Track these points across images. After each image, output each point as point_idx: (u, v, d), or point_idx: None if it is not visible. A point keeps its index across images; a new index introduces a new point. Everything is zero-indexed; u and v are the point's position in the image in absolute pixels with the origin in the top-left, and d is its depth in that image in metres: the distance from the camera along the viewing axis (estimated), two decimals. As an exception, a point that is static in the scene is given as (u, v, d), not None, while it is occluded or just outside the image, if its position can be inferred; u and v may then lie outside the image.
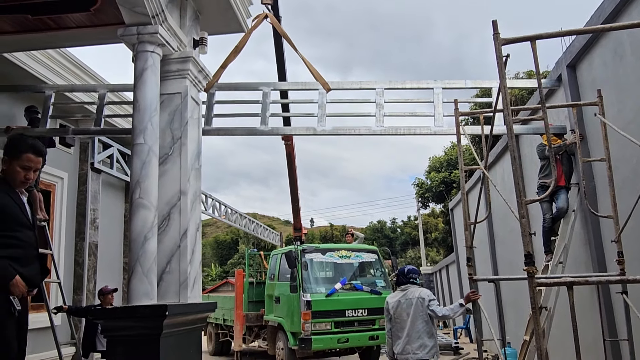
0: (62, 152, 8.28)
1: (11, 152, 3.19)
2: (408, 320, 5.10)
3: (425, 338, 5.06)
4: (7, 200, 3.11)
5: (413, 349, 5.03)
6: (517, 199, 3.32)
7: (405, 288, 5.29)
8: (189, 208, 5.15)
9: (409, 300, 5.16)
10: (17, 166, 3.16)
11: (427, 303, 5.13)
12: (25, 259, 3.18)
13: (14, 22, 5.55)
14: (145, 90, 4.77)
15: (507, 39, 3.55)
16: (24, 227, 3.17)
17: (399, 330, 5.17)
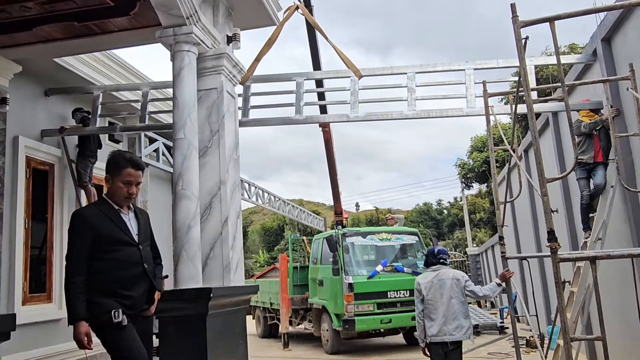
0: (112, 148, 8.76)
1: (112, 169, 3.17)
2: (442, 300, 5.07)
3: (461, 319, 5.05)
4: (100, 219, 3.04)
5: (450, 330, 5.00)
6: (539, 178, 3.41)
7: (437, 269, 5.27)
8: (228, 197, 5.46)
9: (442, 281, 5.14)
10: (119, 182, 3.13)
11: (464, 284, 5.12)
12: (129, 279, 3.09)
13: (62, 29, 5.97)
14: (183, 88, 5.07)
15: (526, 21, 3.61)
16: (125, 244, 3.10)
17: (432, 311, 5.11)
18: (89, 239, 2.98)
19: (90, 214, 3.06)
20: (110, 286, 3.02)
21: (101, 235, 3.01)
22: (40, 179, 7.25)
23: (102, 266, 3.00)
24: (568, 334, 3.21)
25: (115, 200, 3.18)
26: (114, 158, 3.22)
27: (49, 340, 6.94)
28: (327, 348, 11.14)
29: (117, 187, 3.14)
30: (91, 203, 3.18)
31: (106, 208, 3.13)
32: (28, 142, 6.91)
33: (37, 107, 7.23)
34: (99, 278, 2.99)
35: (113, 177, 3.16)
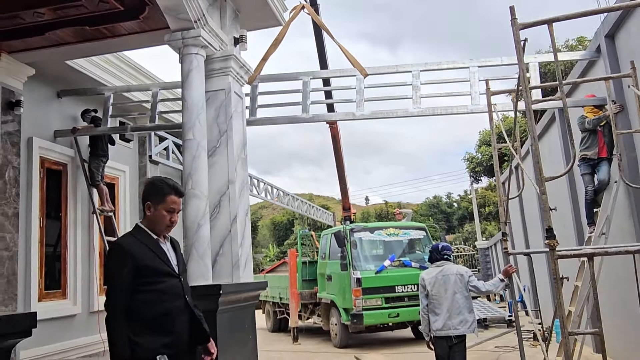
0: (123, 147, 8.94)
1: (154, 196, 2.94)
2: (447, 296, 5.17)
3: (465, 313, 5.15)
4: (141, 249, 2.83)
5: (454, 324, 5.10)
6: (537, 176, 3.51)
7: (441, 264, 5.37)
8: (237, 195, 5.60)
9: (446, 277, 5.24)
10: (162, 210, 2.91)
11: (468, 279, 5.22)
12: (173, 312, 2.88)
13: (74, 33, 6.12)
14: (192, 90, 5.21)
15: (525, 24, 3.70)
16: (167, 276, 2.89)
17: (436, 306, 5.21)
18: (131, 270, 2.76)
19: (130, 243, 2.83)
20: (154, 320, 2.81)
21: (143, 266, 2.79)
22: (54, 178, 7.43)
23: (144, 299, 2.79)
24: (566, 328, 3.32)
25: (156, 229, 2.95)
26: (155, 184, 2.99)
27: (64, 335, 7.15)
28: (335, 342, 11.29)
29: (160, 215, 2.92)
30: (128, 232, 2.91)
31: (144, 237, 2.90)
32: (42, 143, 7.10)
33: (50, 108, 7.41)
34: (141, 312, 2.78)
35: (155, 205, 2.92)
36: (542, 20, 3.66)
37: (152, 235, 2.93)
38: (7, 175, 6.23)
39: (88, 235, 7.87)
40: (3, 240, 6.08)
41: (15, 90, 6.49)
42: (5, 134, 6.30)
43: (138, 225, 2.96)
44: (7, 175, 6.23)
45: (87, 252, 7.82)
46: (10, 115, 6.39)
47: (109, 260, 2.96)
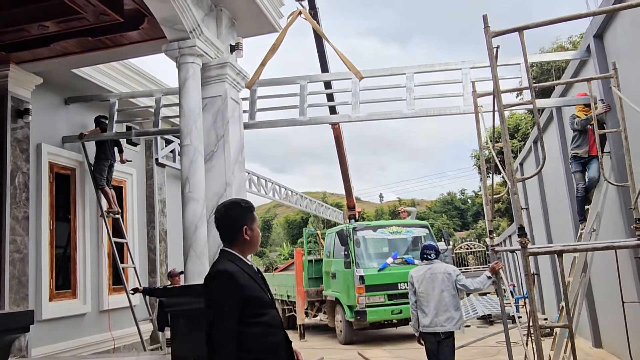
0: (130, 150, 9.23)
1: (247, 216, 2.71)
2: (434, 293, 5.33)
3: (452, 311, 5.29)
4: (245, 278, 2.57)
5: (441, 321, 5.26)
6: (509, 177, 3.68)
7: (430, 263, 5.55)
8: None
9: (434, 275, 5.40)
10: (257, 228, 2.74)
11: (455, 278, 5.38)
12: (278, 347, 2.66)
13: (78, 44, 6.41)
14: (189, 97, 5.44)
15: (497, 32, 3.87)
16: (269, 307, 2.64)
17: (424, 304, 5.38)
18: (239, 301, 2.49)
19: (235, 271, 2.55)
20: (260, 355, 2.59)
21: (250, 297, 2.54)
22: (62, 182, 7.73)
23: (250, 333, 2.55)
24: (537, 322, 3.48)
25: (248, 252, 2.74)
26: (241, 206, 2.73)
27: (74, 333, 7.45)
28: (340, 339, 11.51)
29: (257, 234, 2.73)
30: (223, 259, 2.63)
31: (243, 264, 2.63)
32: (50, 149, 7.39)
33: (57, 115, 7.71)
34: (247, 347, 2.55)
35: (251, 225, 2.69)
36: (514, 28, 3.83)
37: (248, 262, 2.69)
38: (17, 180, 6.54)
39: (97, 236, 8.17)
40: (14, 242, 6.39)
41: (24, 99, 6.80)
42: (15, 140, 6.61)
43: (229, 252, 2.64)
44: (17, 180, 6.54)
45: (96, 253, 8.11)
46: (20, 123, 6.70)
47: (214, 290, 2.53)
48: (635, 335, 6.20)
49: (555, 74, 14.51)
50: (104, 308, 8.04)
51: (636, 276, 5.91)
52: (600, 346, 8.46)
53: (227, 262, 2.60)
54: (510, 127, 19.81)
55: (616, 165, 6.17)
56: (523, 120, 19.09)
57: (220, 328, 2.48)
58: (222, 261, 2.61)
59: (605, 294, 7.74)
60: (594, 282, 8.28)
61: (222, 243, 2.68)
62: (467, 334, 11.43)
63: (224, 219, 2.69)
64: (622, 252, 6.37)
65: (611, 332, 7.82)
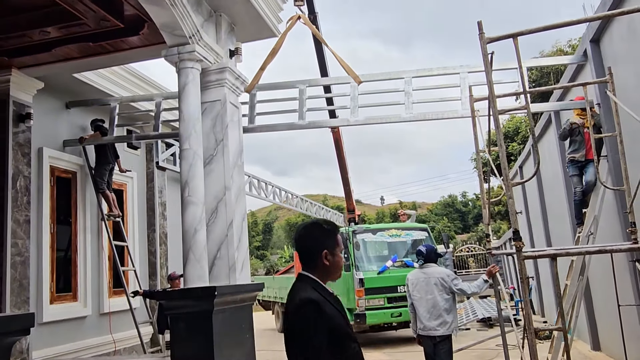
0: (130, 154, 9.30)
1: (330, 239, 2.45)
2: (427, 297, 5.39)
3: (445, 315, 5.34)
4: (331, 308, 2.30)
5: (434, 325, 5.33)
6: (504, 182, 3.72)
7: (426, 266, 5.59)
8: (233, 201, 5.87)
9: (428, 279, 5.45)
10: (339, 254, 2.47)
11: (451, 283, 5.40)
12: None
13: (79, 49, 6.46)
14: (188, 102, 5.49)
15: (492, 38, 3.91)
16: (352, 339, 2.37)
17: (417, 307, 5.46)
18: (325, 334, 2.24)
19: (321, 300, 2.30)
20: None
21: (335, 328, 2.28)
22: (63, 186, 7.79)
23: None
24: (532, 325, 3.52)
25: (329, 278, 2.46)
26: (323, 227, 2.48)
27: (75, 336, 7.49)
28: (340, 341, 11.53)
29: (339, 259, 2.46)
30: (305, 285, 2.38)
31: (325, 292, 2.38)
32: (51, 153, 7.45)
33: (59, 119, 7.77)
34: None
35: (332, 250, 2.43)
36: (508, 35, 3.87)
37: (329, 290, 2.43)
38: (18, 184, 6.59)
39: (97, 240, 8.22)
40: (15, 246, 6.44)
41: (26, 103, 6.86)
42: (16, 144, 6.67)
43: (310, 277, 2.39)
44: (18, 184, 6.59)
45: (96, 256, 8.17)
46: (21, 127, 6.76)
47: (301, 320, 2.28)
48: (632, 338, 6.24)
49: (555, 77, 14.56)
50: (104, 311, 8.09)
51: (633, 279, 5.94)
52: (599, 349, 8.48)
53: (310, 289, 2.34)
54: (510, 130, 19.86)
55: (613, 169, 6.21)
56: (523, 124, 19.12)
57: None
58: (305, 288, 2.35)
59: (603, 297, 7.77)
60: (593, 285, 8.32)
61: (302, 266, 2.45)
62: (466, 337, 11.46)
63: (303, 241, 2.46)
64: (619, 256, 6.41)
65: (609, 335, 7.85)
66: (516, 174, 15.19)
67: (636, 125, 5.47)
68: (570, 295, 6.33)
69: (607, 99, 6.45)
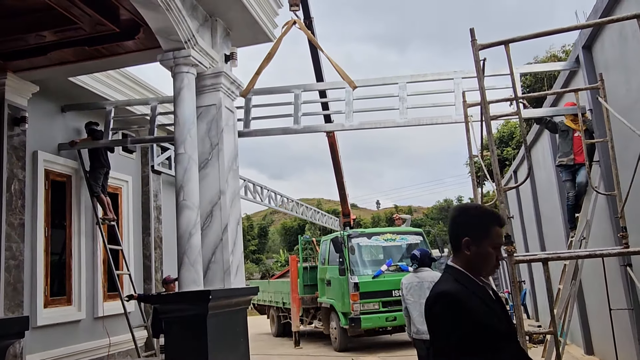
0: (126, 158, 9.30)
1: (476, 229, 2.18)
2: (420, 302, 5.31)
3: None
4: (476, 303, 2.04)
5: (425, 330, 4.86)
6: (496, 187, 3.76)
7: (420, 271, 5.62)
8: (228, 205, 5.90)
9: (421, 283, 5.47)
10: (489, 247, 2.16)
11: None
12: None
13: (74, 53, 6.49)
14: (183, 106, 5.53)
15: (484, 44, 3.96)
16: (506, 339, 2.08)
17: (411, 311, 5.48)
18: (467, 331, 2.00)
19: (463, 295, 2.07)
20: None
21: (479, 326, 2.01)
22: (58, 189, 7.78)
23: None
24: (523, 328, 3.55)
25: (476, 272, 2.18)
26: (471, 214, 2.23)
27: (69, 340, 7.48)
28: (335, 346, 11.55)
29: (486, 253, 2.15)
30: (448, 277, 2.19)
31: (472, 285, 2.13)
32: (46, 156, 7.45)
33: (54, 122, 7.77)
34: None
35: (477, 241, 2.15)
36: (500, 41, 3.93)
37: (478, 282, 2.18)
38: (13, 187, 6.59)
39: (92, 243, 8.21)
40: (9, 249, 6.43)
41: (21, 107, 6.86)
42: (11, 148, 6.67)
43: (454, 268, 2.18)
44: (13, 187, 6.59)
45: (91, 260, 8.15)
46: (16, 131, 6.76)
47: (437, 317, 2.10)
48: (623, 341, 6.28)
49: (548, 83, 14.66)
50: (98, 315, 8.07)
51: (624, 284, 5.99)
52: (592, 353, 8.52)
53: (451, 281, 2.13)
54: (505, 135, 19.95)
55: (605, 174, 6.27)
56: (518, 129, 19.22)
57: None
58: (446, 280, 2.16)
59: (596, 301, 7.81)
60: (586, 289, 8.36)
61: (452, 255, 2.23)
62: (461, 341, 11.49)
63: (450, 224, 2.22)
64: (611, 260, 6.46)
65: (602, 339, 7.88)
66: (510, 178, 15.26)
67: (627, 131, 5.52)
68: (563, 299, 6.37)
69: (599, 105, 6.50)
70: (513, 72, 3.86)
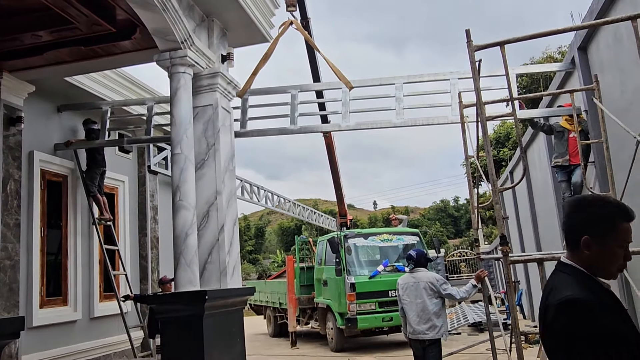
0: (122, 158, 9.28)
1: (599, 225, 1.86)
2: (417, 302, 5.42)
3: (434, 319, 5.35)
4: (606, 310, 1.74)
5: (423, 329, 5.35)
6: (492, 187, 3.78)
7: (416, 271, 5.62)
8: (224, 205, 5.89)
9: (417, 284, 5.48)
10: (615, 246, 1.86)
11: (440, 287, 5.41)
12: None
13: (70, 52, 6.48)
14: (180, 107, 5.52)
15: (479, 46, 3.98)
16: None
17: (407, 311, 5.50)
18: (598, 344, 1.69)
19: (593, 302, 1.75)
20: None
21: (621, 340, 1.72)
22: (54, 189, 7.77)
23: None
24: (518, 328, 3.57)
25: (600, 273, 1.90)
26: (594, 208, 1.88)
27: (65, 340, 7.46)
28: (331, 346, 11.55)
29: (613, 253, 1.86)
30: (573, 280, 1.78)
31: (599, 290, 1.85)
32: (42, 156, 7.43)
33: (50, 122, 7.76)
34: None
35: (602, 239, 1.85)
36: (496, 43, 3.94)
37: (604, 286, 1.92)
38: (8, 187, 6.57)
39: (88, 244, 8.20)
40: (5, 249, 6.41)
41: (17, 107, 6.85)
42: (7, 148, 6.65)
43: (573, 267, 1.87)
44: (8, 187, 6.57)
45: (87, 260, 8.14)
46: (12, 131, 6.74)
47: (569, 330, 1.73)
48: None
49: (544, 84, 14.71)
50: (94, 315, 8.06)
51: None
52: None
53: (576, 285, 1.80)
54: (501, 135, 20.00)
55: (600, 175, 6.30)
56: (514, 129, 19.28)
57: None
58: (569, 283, 1.81)
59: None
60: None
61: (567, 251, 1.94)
62: (457, 341, 11.51)
63: (566, 219, 1.94)
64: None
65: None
66: (507, 179, 15.31)
67: (622, 131, 5.55)
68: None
69: (594, 106, 6.54)
70: (509, 72, 3.88)
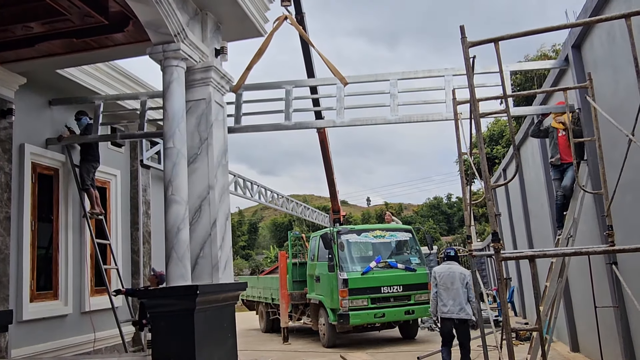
0: (114, 151, 9.22)
1: None
2: (452, 288, 6.99)
3: (464, 304, 6.98)
4: None
5: (456, 310, 6.96)
6: (484, 184, 3.77)
7: (450, 263, 7.27)
8: (217, 200, 5.87)
9: (452, 273, 7.09)
10: None
11: (467, 281, 7.04)
12: None
13: (62, 45, 6.42)
14: (173, 100, 5.48)
15: (473, 42, 3.97)
16: None
17: (443, 295, 7.05)
18: None
19: None
20: None
21: None
22: (45, 183, 7.70)
23: None
24: (509, 325, 3.58)
25: None
26: None
27: (55, 334, 7.41)
28: (324, 342, 11.57)
29: None
30: None
31: None
32: (33, 149, 7.36)
33: (41, 116, 7.68)
34: None
35: None
36: (490, 39, 3.93)
37: None
38: (-1, 180, 6.51)
39: (79, 238, 8.14)
40: (-5, 243, 6.36)
41: (8, 99, 6.77)
42: (-3, 141, 6.58)
43: None
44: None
45: (78, 254, 8.08)
46: (3, 123, 6.67)
47: None
48: (609, 339, 6.35)
49: (538, 81, 14.74)
50: (85, 309, 8.01)
51: (610, 282, 6.05)
52: (578, 350, 8.61)
53: None
54: (495, 133, 20.05)
55: (592, 173, 6.32)
56: (508, 127, 19.33)
57: None
58: None
59: (583, 299, 7.89)
60: (572, 287, 8.44)
61: None
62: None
63: None
64: (597, 258, 6.52)
65: (588, 337, 7.97)
66: (500, 176, 15.35)
67: (615, 130, 5.56)
68: (550, 296, 6.42)
69: (588, 104, 6.56)
70: (503, 69, 3.87)
